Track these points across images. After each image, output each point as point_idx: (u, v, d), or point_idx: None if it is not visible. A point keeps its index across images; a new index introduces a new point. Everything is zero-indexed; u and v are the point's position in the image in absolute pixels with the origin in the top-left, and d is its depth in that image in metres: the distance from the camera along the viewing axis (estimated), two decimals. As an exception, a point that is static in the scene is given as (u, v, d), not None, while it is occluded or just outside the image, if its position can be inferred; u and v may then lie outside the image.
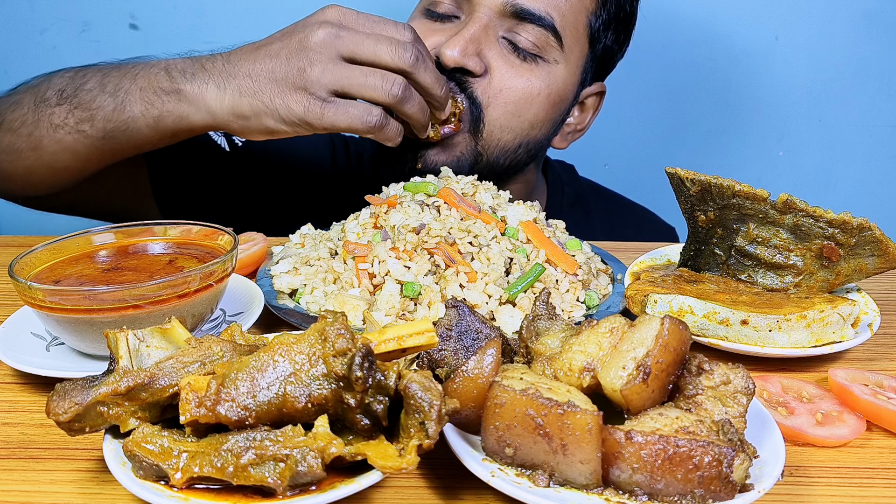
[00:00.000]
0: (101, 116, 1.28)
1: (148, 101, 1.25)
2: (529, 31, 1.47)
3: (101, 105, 1.28)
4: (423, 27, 1.52)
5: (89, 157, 1.34)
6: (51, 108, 1.32)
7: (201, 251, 1.08)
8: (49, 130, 1.32)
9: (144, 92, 1.25)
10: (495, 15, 1.46)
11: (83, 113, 1.29)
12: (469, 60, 1.43)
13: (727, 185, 1.09)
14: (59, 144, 1.32)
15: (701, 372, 0.79)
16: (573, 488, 0.72)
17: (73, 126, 1.30)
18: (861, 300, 1.13)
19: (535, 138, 1.57)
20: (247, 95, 1.21)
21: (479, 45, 1.45)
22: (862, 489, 0.80)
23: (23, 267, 0.98)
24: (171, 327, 0.80)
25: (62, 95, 1.32)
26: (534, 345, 0.88)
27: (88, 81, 1.32)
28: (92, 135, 1.30)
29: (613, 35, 1.62)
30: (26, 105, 1.35)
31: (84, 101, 1.29)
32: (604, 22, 1.57)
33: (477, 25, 1.45)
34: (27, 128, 1.34)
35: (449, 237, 1.16)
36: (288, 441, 0.69)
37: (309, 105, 1.18)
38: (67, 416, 0.73)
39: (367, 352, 0.70)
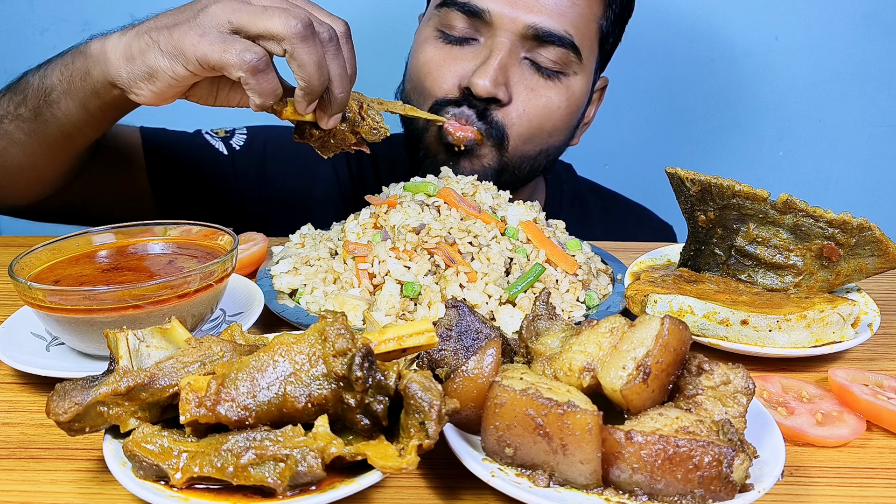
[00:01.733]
0: (31, 93, 1.26)
1: (63, 64, 1.22)
2: (550, 52, 1.49)
3: (31, 82, 1.26)
4: (442, 52, 1.52)
5: (31, 146, 1.31)
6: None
7: (201, 251, 1.08)
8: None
9: (63, 58, 1.22)
10: (517, 38, 1.47)
11: (18, 96, 1.28)
12: (499, 90, 1.45)
13: (727, 185, 1.09)
14: (6, 137, 1.31)
15: (701, 372, 0.79)
16: (573, 488, 0.72)
17: (12, 112, 1.28)
18: (861, 300, 1.13)
19: (553, 145, 1.61)
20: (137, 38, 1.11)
21: (507, 71, 1.47)
22: (862, 489, 0.80)
23: (23, 267, 0.98)
24: (171, 327, 0.80)
25: (9, 85, 1.32)
26: (534, 345, 0.88)
27: (30, 70, 1.31)
28: (26, 117, 1.27)
29: (616, 32, 1.64)
30: None
31: (21, 86, 1.28)
32: (611, 22, 1.59)
33: (503, 52, 1.45)
34: None
35: (449, 237, 1.16)
36: (288, 441, 0.69)
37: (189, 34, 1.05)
38: (67, 416, 0.73)
39: (367, 352, 0.70)
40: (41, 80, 1.25)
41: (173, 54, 1.06)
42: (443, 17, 1.52)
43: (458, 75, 1.49)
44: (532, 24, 1.45)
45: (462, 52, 1.51)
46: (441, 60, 1.52)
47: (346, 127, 1.15)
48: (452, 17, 1.50)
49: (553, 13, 1.46)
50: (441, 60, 1.52)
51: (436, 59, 1.52)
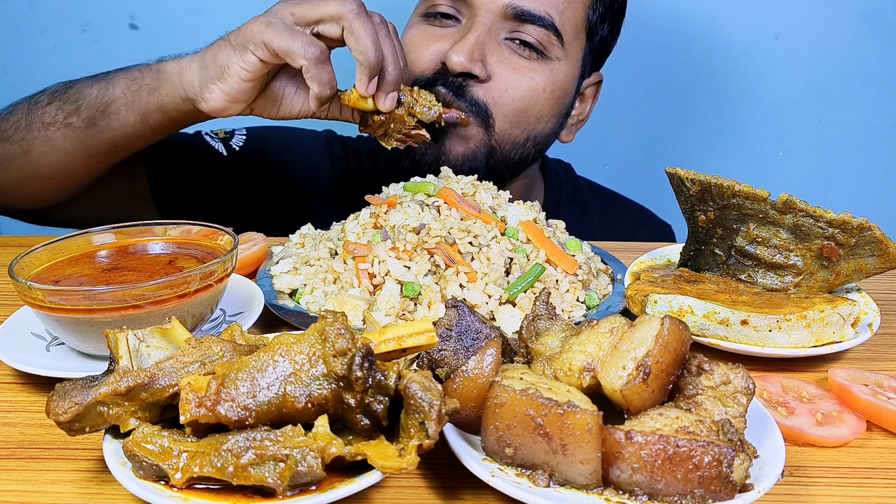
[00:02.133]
0: (86, 104, 1.31)
1: (130, 79, 1.29)
2: (531, 32, 1.49)
3: (88, 94, 1.31)
4: (423, 32, 1.54)
5: (75, 153, 1.36)
6: (42, 108, 1.35)
7: (201, 251, 1.08)
8: (40, 130, 1.35)
9: (130, 73, 1.30)
10: (497, 18, 1.48)
11: (70, 106, 1.32)
12: (475, 66, 1.45)
13: (727, 185, 1.09)
14: (48, 144, 1.35)
15: (701, 372, 0.79)
16: (573, 488, 0.72)
17: (61, 121, 1.33)
18: (861, 300, 1.13)
19: (541, 132, 1.60)
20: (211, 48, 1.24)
21: (483, 50, 1.47)
22: (862, 489, 0.80)
23: (23, 267, 0.98)
24: (171, 327, 0.80)
25: (53, 95, 1.35)
26: (534, 345, 0.88)
27: (80, 81, 1.36)
28: (77, 126, 1.32)
29: (609, 26, 1.64)
30: (20, 111, 1.38)
31: (72, 96, 1.33)
32: (600, 14, 1.59)
33: (481, 30, 1.46)
34: (20, 132, 1.37)
35: (449, 237, 1.16)
36: (288, 441, 0.69)
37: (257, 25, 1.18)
38: (67, 416, 0.73)
39: (367, 352, 0.70)
40: (101, 93, 1.31)
41: (243, 45, 1.19)
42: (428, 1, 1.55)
43: (435, 52, 1.50)
44: (510, 3, 1.46)
45: (444, 31, 1.52)
46: (421, 39, 1.53)
47: (402, 110, 1.25)
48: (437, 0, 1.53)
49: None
50: (421, 39, 1.53)
51: (416, 38, 1.54)
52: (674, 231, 1.95)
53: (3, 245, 1.48)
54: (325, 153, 1.80)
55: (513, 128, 1.54)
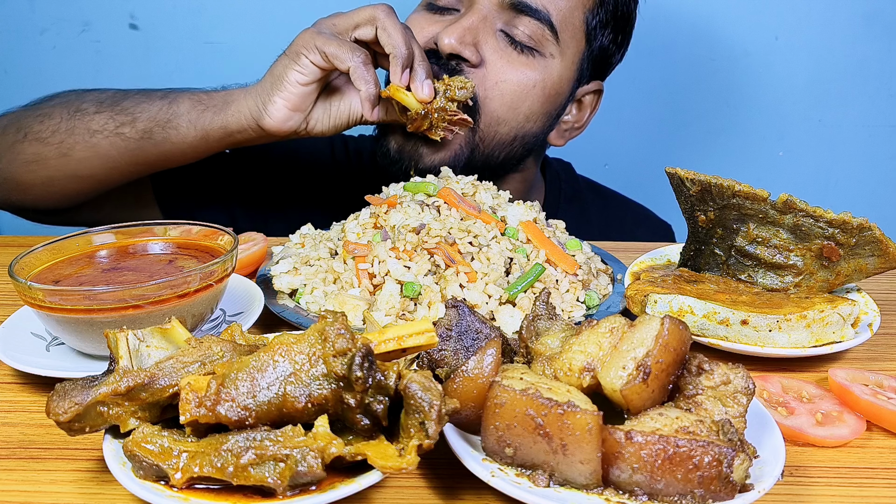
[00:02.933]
0: (146, 117, 1.38)
1: (197, 99, 1.39)
2: (526, 25, 1.50)
3: (149, 108, 1.39)
4: (423, 20, 1.55)
5: (119, 161, 1.42)
6: (89, 116, 1.40)
7: (201, 251, 1.08)
8: (84, 136, 1.40)
9: (196, 94, 1.40)
10: (494, 7, 1.49)
11: (125, 117, 1.39)
12: (465, 49, 1.45)
13: (727, 185, 1.09)
14: (93, 150, 1.41)
15: (701, 372, 0.79)
16: (573, 488, 0.72)
17: (112, 130, 1.39)
18: (861, 300, 1.13)
19: (530, 131, 1.58)
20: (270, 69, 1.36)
21: (477, 35, 1.48)
22: (862, 489, 0.80)
23: (23, 267, 0.98)
24: (171, 327, 0.80)
25: (102, 104, 1.42)
26: (534, 345, 0.88)
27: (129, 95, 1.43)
28: (130, 136, 1.39)
29: (611, 34, 1.63)
30: (58, 115, 1.43)
31: (127, 108, 1.40)
32: (601, 21, 1.59)
33: (476, 16, 1.48)
34: (59, 136, 1.41)
35: (449, 237, 1.16)
36: (288, 441, 0.69)
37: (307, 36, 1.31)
38: (67, 416, 0.73)
39: (367, 352, 0.70)
40: (165, 108, 1.39)
41: (296, 52, 1.30)
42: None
43: (429, 34, 1.51)
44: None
45: (442, 18, 1.54)
46: (418, 25, 1.55)
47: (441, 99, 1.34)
48: None
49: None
50: (418, 25, 1.55)
51: (414, 24, 1.55)
52: (673, 230, 1.95)
53: (3, 245, 1.49)
54: (326, 151, 1.81)
55: (500, 125, 1.52)
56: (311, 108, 1.37)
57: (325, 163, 1.80)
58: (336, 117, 1.39)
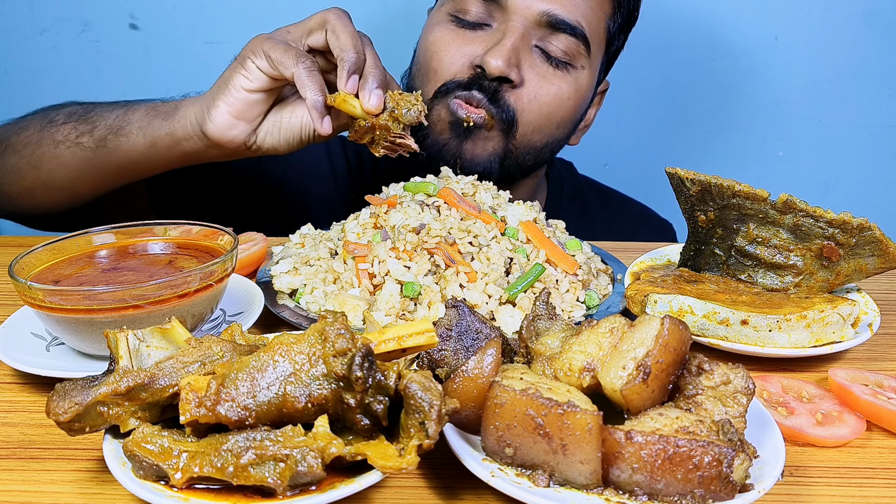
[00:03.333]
0: (102, 125, 1.35)
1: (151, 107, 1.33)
2: (562, 41, 1.51)
3: (107, 117, 1.35)
4: (453, 35, 1.54)
5: (81, 172, 1.39)
6: (56, 127, 1.39)
7: (201, 251, 1.08)
8: (50, 147, 1.38)
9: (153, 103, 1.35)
10: (531, 25, 1.50)
11: (86, 126, 1.36)
12: (512, 71, 1.47)
13: (727, 185, 1.09)
14: (57, 161, 1.39)
15: (701, 372, 0.79)
16: (573, 488, 0.72)
17: (73, 140, 1.36)
18: (861, 300, 1.13)
19: (558, 138, 1.63)
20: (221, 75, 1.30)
21: (519, 55, 1.49)
22: (862, 489, 0.80)
23: (23, 267, 0.98)
24: (171, 327, 0.80)
25: (70, 115, 1.40)
26: (534, 345, 0.88)
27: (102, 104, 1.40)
28: (88, 146, 1.35)
29: (622, 37, 1.67)
30: (33, 128, 1.42)
31: (91, 117, 1.37)
32: (619, 25, 1.62)
33: (516, 35, 1.48)
34: (30, 147, 1.40)
35: (449, 237, 1.16)
36: (288, 441, 0.69)
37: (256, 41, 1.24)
38: (67, 416, 0.73)
39: (367, 352, 0.70)
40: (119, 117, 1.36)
41: (243, 56, 1.24)
42: (458, 1, 1.56)
43: (468, 55, 1.51)
44: (546, 10, 1.48)
45: (474, 35, 1.53)
46: (451, 41, 1.54)
47: (386, 115, 1.21)
48: (467, 2, 1.53)
49: (567, 3, 1.49)
50: (451, 41, 1.54)
51: (445, 39, 1.55)
52: (674, 229, 1.96)
53: (3, 245, 1.49)
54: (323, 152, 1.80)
55: (535, 134, 1.56)
56: (261, 120, 1.29)
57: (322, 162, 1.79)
58: (287, 130, 1.30)
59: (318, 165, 1.79)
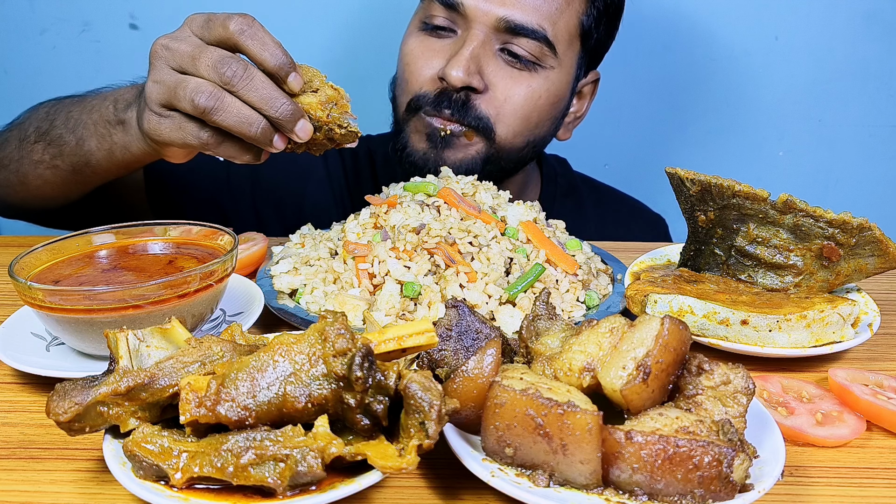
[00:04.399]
0: (67, 152, 1.31)
1: (100, 134, 1.24)
2: (524, 44, 1.52)
3: (67, 141, 1.30)
4: (421, 45, 1.57)
5: (67, 187, 1.39)
6: (30, 146, 1.37)
7: (201, 251, 1.08)
8: (31, 167, 1.37)
9: (97, 126, 1.24)
10: (491, 31, 1.51)
11: (54, 149, 1.33)
12: (473, 79, 1.49)
13: (727, 185, 1.09)
14: (41, 179, 1.38)
15: (701, 372, 0.79)
16: (573, 488, 0.72)
17: (48, 162, 1.35)
18: (861, 300, 1.13)
19: (539, 136, 1.64)
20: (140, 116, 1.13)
21: (479, 62, 1.50)
22: (862, 489, 0.80)
23: (23, 267, 0.98)
24: (171, 327, 0.80)
25: (38, 132, 1.36)
26: (534, 345, 0.88)
27: (57, 118, 1.33)
28: (63, 169, 1.34)
29: (604, 28, 1.66)
30: (13, 143, 1.40)
31: (54, 139, 1.32)
32: (594, 18, 1.61)
33: (475, 43, 1.49)
34: (14, 164, 1.40)
35: (449, 237, 1.16)
36: (288, 441, 0.69)
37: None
38: (67, 416, 0.73)
39: (367, 352, 0.70)
40: (79, 144, 1.28)
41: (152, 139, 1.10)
42: (425, 8, 1.58)
43: (433, 68, 1.54)
44: (504, 17, 1.49)
45: (441, 43, 1.55)
46: (420, 53, 1.56)
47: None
48: (433, 9, 1.55)
49: (527, 7, 1.50)
50: (420, 53, 1.56)
51: (416, 51, 1.57)
52: (667, 224, 1.97)
53: (3, 245, 1.49)
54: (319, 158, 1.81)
55: (515, 137, 1.58)
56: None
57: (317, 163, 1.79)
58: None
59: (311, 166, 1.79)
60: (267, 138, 1.04)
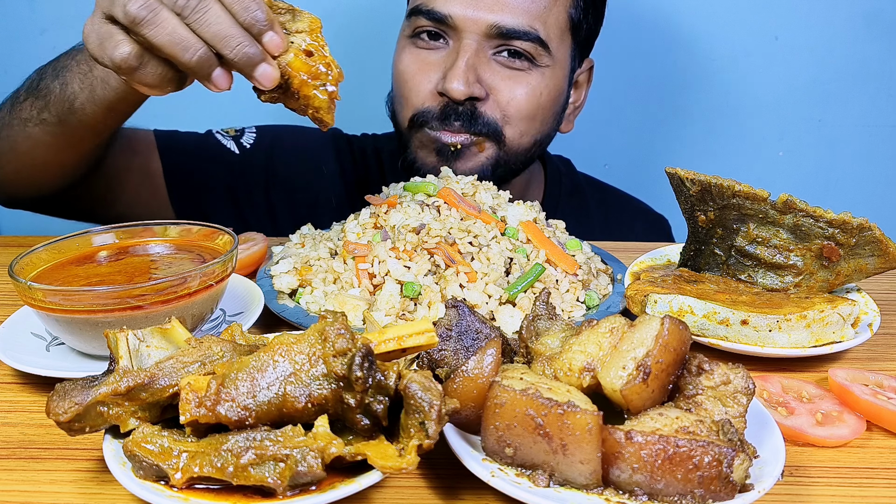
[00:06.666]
0: (53, 100, 1.27)
1: (82, 72, 1.21)
2: (518, 46, 1.52)
3: (52, 89, 1.27)
4: (416, 59, 1.56)
5: (57, 146, 1.33)
6: (20, 104, 1.33)
7: (201, 251, 1.08)
8: (21, 127, 1.33)
9: (79, 64, 1.21)
10: (482, 38, 1.51)
11: (41, 102, 1.29)
12: (474, 88, 1.49)
13: (727, 185, 1.09)
14: (30, 139, 1.33)
15: (701, 372, 0.79)
16: (573, 488, 0.72)
17: (36, 116, 1.31)
18: (861, 300, 1.13)
19: (544, 132, 1.65)
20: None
21: (476, 70, 1.51)
22: (862, 489, 0.80)
23: (23, 267, 0.98)
24: (171, 327, 0.80)
25: (29, 90, 1.33)
26: (534, 345, 0.88)
27: (47, 70, 1.31)
28: (50, 122, 1.29)
29: (592, 16, 1.66)
30: (5, 108, 1.38)
31: (41, 91, 1.29)
32: (582, 10, 1.61)
33: (469, 53, 1.49)
34: (5, 130, 1.37)
35: (449, 237, 1.16)
36: (288, 441, 0.69)
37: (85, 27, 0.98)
38: (67, 416, 0.73)
39: (367, 352, 0.70)
40: (62, 89, 1.26)
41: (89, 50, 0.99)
42: (412, 23, 1.57)
43: (432, 82, 1.54)
44: (494, 23, 1.48)
45: (435, 56, 1.55)
46: (416, 69, 1.56)
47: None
48: (422, 23, 1.55)
49: (516, 10, 1.49)
50: (416, 69, 1.56)
51: (411, 67, 1.57)
52: (669, 224, 1.97)
53: (3, 245, 1.49)
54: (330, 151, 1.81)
55: (523, 137, 1.59)
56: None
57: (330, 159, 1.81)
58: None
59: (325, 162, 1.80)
60: (204, 69, 0.92)
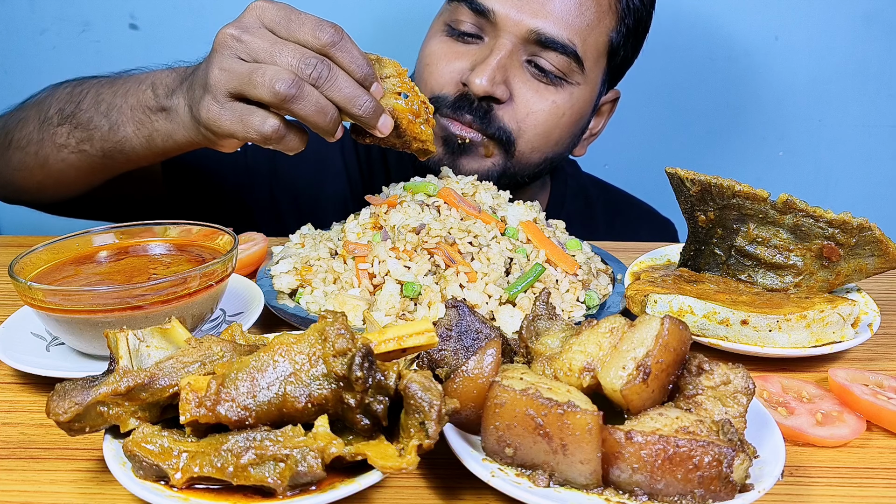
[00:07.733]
0: (99, 136, 1.28)
1: (138, 120, 1.23)
2: (552, 58, 1.49)
3: (98, 125, 1.27)
4: (445, 47, 1.54)
5: (93, 173, 1.36)
6: (53, 128, 1.33)
7: (201, 251, 1.08)
8: (54, 150, 1.34)
9: (134, 111, 1.23)
10: (520, 41, 1.47)
11: (82, 133, 1.30)
12: (497, 89, 1.46)
13: (727, 185, 1.09)
14: (64, 163, 1.34)
15: (701, 372, 0.79)
16: (573, 488, 0.72)
17: (74, 146, 1.31)
18: (861, 300, 1.13)
19: (557, 153, 1.62)
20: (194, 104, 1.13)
21: (506, 72, 1.47)
22: (862, 489, 0.80)
23: (23, 267, 0.98)
24: (171, 327, 0.80)
25: (63, 114, 1.33)
26: (534, 345, 0.88)
27: (85, 99, 1.31)
28: (92, 154, 1.30)
29: (631, 46, 1.64)
30: (32, 123, 1.37)
31: (83, 122, 1.29)
32: (623, 36, 1.58)
33: (503, 52, 1.46)
34: (34, 146, 1.36)
35: (449, 237, 1.16)
36: (288, 441, 0.69)
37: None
38: (67, 416, 0.73)
39: (367, 352, 0.70)
40: (113, 130, 1.25)
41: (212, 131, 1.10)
42: (452, 11, 1.54)
43: (456, 70, 1.50)
44: (536, 28, 1.45)
45: (466, 48, 1.52)
46: (442, 54, 1.53)
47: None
48: (461, 13, 1.52)
49: (559, 20, 1.46)
50: (442, 54, 1.53)
51: (438, 52, 1.54)
52: (675, 228, 1.97)
53: (3, 245, 1.49)
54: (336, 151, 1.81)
55: (533, 153, 1.56)
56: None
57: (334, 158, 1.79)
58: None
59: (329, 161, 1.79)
60: (334, 128, 1.09)
